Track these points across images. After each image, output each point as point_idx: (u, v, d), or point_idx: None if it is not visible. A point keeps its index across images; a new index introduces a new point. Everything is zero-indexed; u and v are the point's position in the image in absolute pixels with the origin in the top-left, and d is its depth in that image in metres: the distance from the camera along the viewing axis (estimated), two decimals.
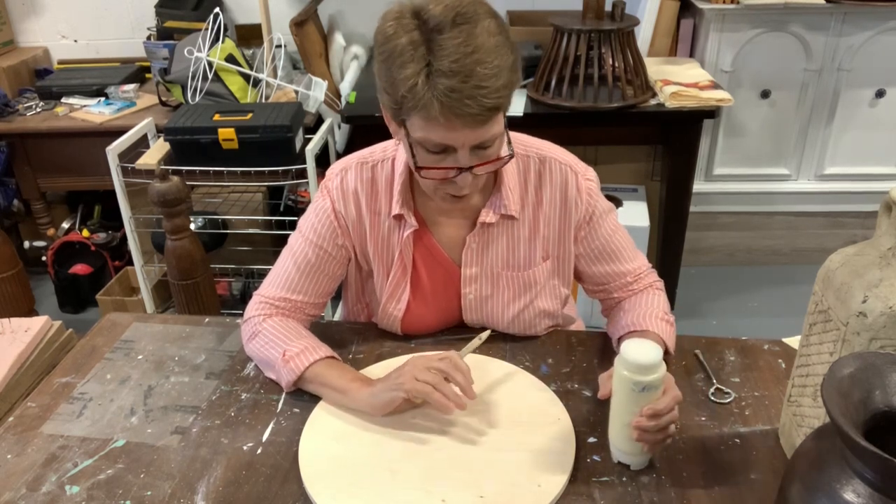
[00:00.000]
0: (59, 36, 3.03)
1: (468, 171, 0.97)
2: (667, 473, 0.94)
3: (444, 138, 0.94)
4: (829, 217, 2.81)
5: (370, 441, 0.98)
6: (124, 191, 2.21)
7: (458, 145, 0.95)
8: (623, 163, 2.61)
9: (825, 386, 0.66)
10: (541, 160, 1.14)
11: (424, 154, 0.98)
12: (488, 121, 0.93)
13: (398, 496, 0.90)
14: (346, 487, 0.91)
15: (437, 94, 0.89)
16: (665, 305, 1.19)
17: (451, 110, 0.90)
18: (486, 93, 0.90)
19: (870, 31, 2.49)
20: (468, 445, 0.97)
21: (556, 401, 1.05)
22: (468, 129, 0.93)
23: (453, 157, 0.96)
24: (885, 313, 0.76)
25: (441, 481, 0.92)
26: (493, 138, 0.97)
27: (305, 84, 2.41)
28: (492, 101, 0.91)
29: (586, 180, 1.15)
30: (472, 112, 0.90)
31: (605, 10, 2.22)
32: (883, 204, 0.81)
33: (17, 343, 1.23)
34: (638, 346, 0.89)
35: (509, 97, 0.95)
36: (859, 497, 0.62)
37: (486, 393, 1.06)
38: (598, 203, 1.16)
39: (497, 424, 1.01)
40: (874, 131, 2.66)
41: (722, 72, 2.55)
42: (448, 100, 0.89)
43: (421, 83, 0.90)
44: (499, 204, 1.11)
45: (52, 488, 0.94)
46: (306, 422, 1.02)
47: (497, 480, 0.91)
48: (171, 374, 1.16)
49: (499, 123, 0.96)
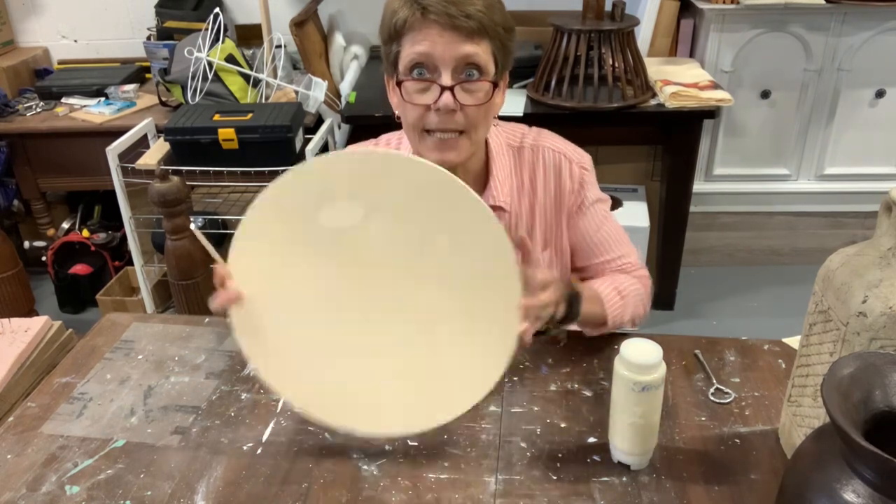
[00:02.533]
0: (59, 36, 3.02)
1: (450, 91, 0.98)
2: (667, 473, 0.94)
3: (427, 49, 0.97)
4: (829, 217, 2.81)
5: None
6: (124, 191, 2.21)
7: (440, 59, 0.97)
8: (623, 163, 2.61)
9: (825, 386, 0.66)
10: (533, 149, 1.15)
11: (410, 86, 1.00)
12: (472, 36, 0.96)
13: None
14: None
15: (420, 4, 0.96)
16: (632, 287, 1.15)
17: (435, 12, 0.95)
18: (469, 0, 0.95)
19: (870, 31, 2.49)
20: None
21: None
22: (449, 36, 0.96)
23: (437, 83, 0.99)
24: (885, 313, 0.76)
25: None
26: (477, 63, 0.99)
27: (305, 84, 2.41)
28: (474, 10, 0.95)
29: (580, 167, 1.15)
30: (452, 14, 0.94)
31: (605, 10, 2.22)
32: (883, 204, 0.81)
33: (17, 343, 1.23)
34: (638, 346, 0.89)
35: (497, 33, 0.99)
36: (859, 497, 0.62)
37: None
38: (588, 192, 1.16)
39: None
40: (874, 131, 2.66)
41: (722, 72, 2.55)
42: (433, 5, 0.95)
43: (409, 3, 0.97)
44: (487, 195, 1.12)
45: (52, 488, 0.94)
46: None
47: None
48: (171, 374, 1.16)
49: (483, 52, 0.99)
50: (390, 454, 0.99)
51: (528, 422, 1.03)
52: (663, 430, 1.00)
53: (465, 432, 1.02)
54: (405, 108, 1.02)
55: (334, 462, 0.98)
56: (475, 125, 1.03)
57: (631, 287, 1.15)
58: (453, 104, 0.99)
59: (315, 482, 0.94)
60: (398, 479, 0.94)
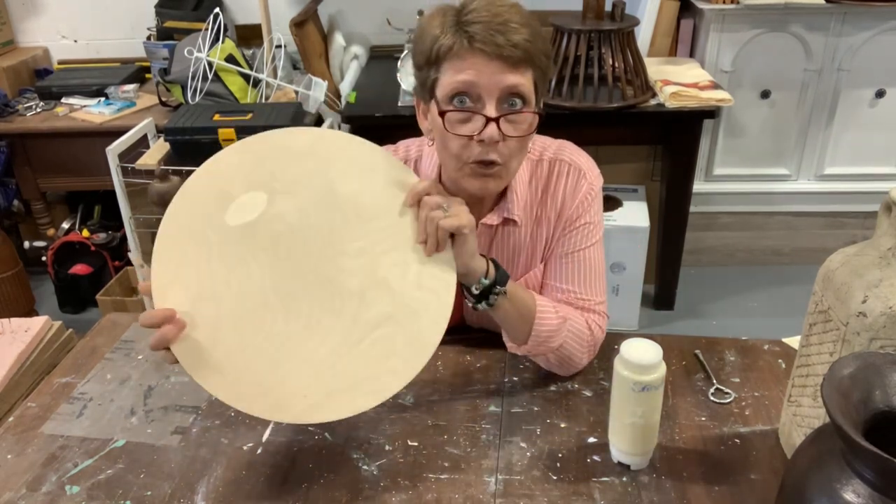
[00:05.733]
0: (59, 36, 3.03)
1: (495, 122, 0.95)
2: (667, 473, 0.94)
3: (473, 77, 0.94)
4: (829, 217, 2.82)
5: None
6: (124, 191, 2.21)
7: (484, 89, 0.95)
8: (623, 163, 2.61)
9: (825, 386, 0.66)
10: (551, 162, 1.12)
11: (453, 116, 0.98)
12: (517, 66, 0.94)
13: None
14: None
15: (466, 32, 0.94)
16: (576, 322, 1.08)
17: (481, 41, 0.92)
18: (515, 28, 0.93)
19: (870, 31, 2.49)
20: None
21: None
22: (495, 65, 0.93)
23: (481, 114, 0.96)
24: (885, 313, 0.76)
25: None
26: (521, 93, 0.96)
27: (305, 84, 2.41)
28: (521, 39, 0.93)
29: (590, 186, 1.12)
30: (500, 43, 0.92)
31: (605, 11, 2.22)
32: (883, 204, 0.81)
33: (17, 343, 1.23)
34: (638, 347, 0.89)
35: (540, 62, 0.97)
36: (859, 497, 0.62)
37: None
38: (586, 212, 1.12)
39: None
40: (874, 131, 2.66)
41: (722, 72, 2.55)
42: (479, 33, 0.93)
43: (451, 29, 0.95)
44: (504, 207, 1.11)
45: (52, 488, 0.94)
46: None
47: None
48: (171, 374, 1.16)
49: (527, 81, 0.96)
50: (390, 454, 0.99)
51: (528, 422, 1.03)
52: (663, 430, 1.00)
53: (465, 432, 1.02)
54: (446, 137, 0.99)
55: (334, 462, 0.98)
56: (512, 156, 1.00)
57: (575, 321, 1.08)
58: (498, 136, 0.96)
59: (315, 482, 0.94)
60: (398, 479, 0.94)
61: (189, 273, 0.90)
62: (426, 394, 1.09)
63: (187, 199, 0.92)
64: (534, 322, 1.04)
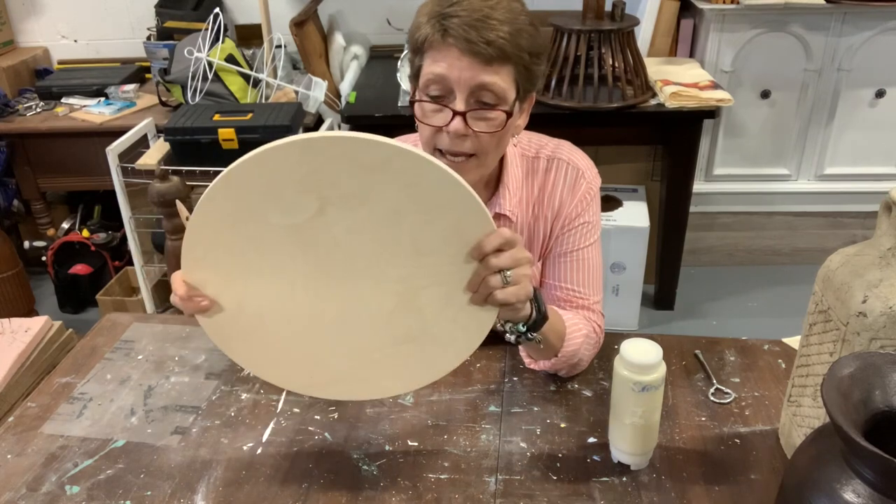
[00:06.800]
0: (59, 36, 3.03)
1: (461, 117, 0.96)
2: (667, 473, 0.94)
3: (444, 70, 0.95)
4: (829, 217, 2.82)
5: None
6: (124, 191, 2.21)
7: (455, 83, 0.95)
8: (623, 163, 2.61)
9: (825, 386, 0.66)
10: (549, 160, 1.13)
11: (426, 105, 0.99)
12: (491, 62, 0.93)
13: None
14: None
15: (443, 25, 0.94)
16: (583, 328, 1.08)
17: (454, 36, 0.92)
18: (492, 25, 0.92)
19: (870, 31, 2.49)
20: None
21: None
22: (468, 61, 0.93)
23: (449, 107, 0.97)
24: (885, 313, 0.76)
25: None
26: (493, 91, 0.95)
27: (305, 84, 2.42)
28: (496, 36, 0.92)
29: (588, 186, 1.12)
30: (472, 39, 0.92)
31: (605, 10, 2.22)
32: (883, 204, 0.81)
33: (17, 343, 1.23)
34: (638, 346, 0.89)
35: (522, 59, 0.96)
36: (859, 497, 0.62)
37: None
38: (585, 211, 1.12)
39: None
40: (874, 131, 2.66)
41: (722, 72, 2.55)
42: (453, 27, 0.93)
43: (434, 20, 0.95)
44: (495, 202, 1.11)
45: (52, 488, 0.94)
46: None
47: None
48: (171, 375, 1.16)
49: (503, 80, 0.95)
50: (390, 454, 0.99)
51: (528, 422, 1.03)
52: (663, 430, 1.00)
53: (465, 432, 1.02)
54: (420, 125, 1.01)
55: (334, 462, 0.98)
56: (486, 151, 1.00)
57: (590, 332, 1.09)
58: (464, 129, 0.97)
59: (315, 482, 0.94)
60: (398, 479, 0.94)
61: (219, 256, 0.88)
62: (426, 394, 1.09)
63: (231, 185, 0.83)
64: (563, 345, 1.05)
